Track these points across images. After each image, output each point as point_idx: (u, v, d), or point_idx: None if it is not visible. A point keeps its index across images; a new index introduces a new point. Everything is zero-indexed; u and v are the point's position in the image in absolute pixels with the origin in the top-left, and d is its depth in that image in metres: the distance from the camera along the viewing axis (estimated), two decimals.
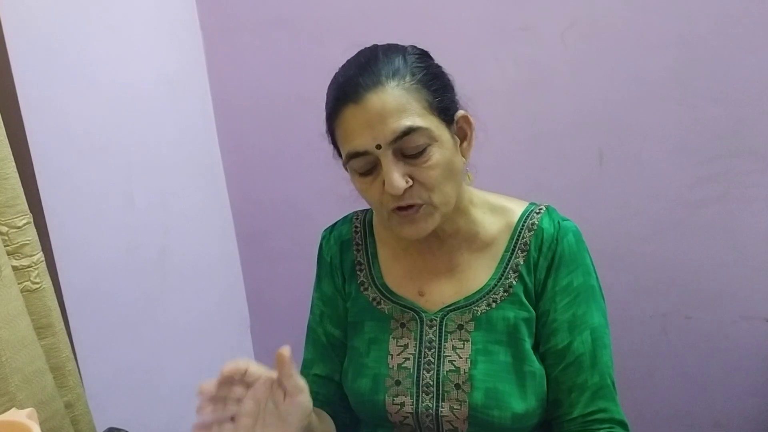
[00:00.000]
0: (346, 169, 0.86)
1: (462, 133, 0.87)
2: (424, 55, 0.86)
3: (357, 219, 1.01)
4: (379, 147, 0.79)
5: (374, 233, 0.99)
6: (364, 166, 0.82)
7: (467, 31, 1.34)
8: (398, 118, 0.78)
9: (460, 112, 0.86)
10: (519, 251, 0.90)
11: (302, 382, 0.76)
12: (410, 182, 0.80)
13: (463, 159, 0.87)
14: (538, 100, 1.33)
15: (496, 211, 0.93)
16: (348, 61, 0.86)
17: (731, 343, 1.31)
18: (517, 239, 0.90)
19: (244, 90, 1.60)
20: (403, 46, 0.85)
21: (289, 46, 1.51)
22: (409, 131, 0.78)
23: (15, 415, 0.84)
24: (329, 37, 1.46)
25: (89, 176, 1.28)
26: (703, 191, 1.26)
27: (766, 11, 1.15)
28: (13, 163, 0.98)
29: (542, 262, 0.88)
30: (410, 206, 0.82)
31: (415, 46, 0.86)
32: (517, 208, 0.93)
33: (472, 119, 0.87)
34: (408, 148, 0.79)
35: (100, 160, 1.30)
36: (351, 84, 0.81)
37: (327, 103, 0.85)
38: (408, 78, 0.80)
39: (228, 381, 0.73)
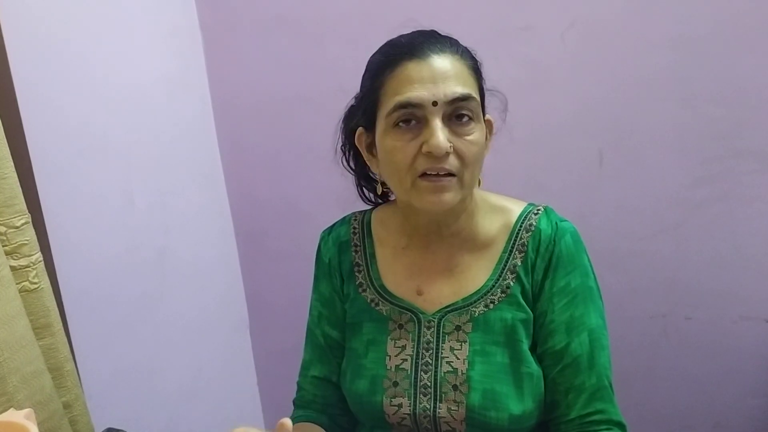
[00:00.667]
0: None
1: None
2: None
3: (355, 220, 1.01)
4: (435, 104, 0.80)
5: (372, 234, 0.99)
6: (408, 119, 0.82)
7: (467, 31, 1.32)
8: (459, 83, 0.81)
9: (488, 116, 0.89)
10: (517, 252, 0.90)
11: None
12: (450, 149, 0.81)
13: None
14: (538, 100, 1.32)
15: (495, 212, 0.93)
16: (402, 35, 0.88)
17: (731, 343, 1.31)
18: (515, 240, 0.90)
19: (244, 90, 1.59)
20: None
21: (289, 46, 1.51)
22: (468, 97, 0.81)
23: (13, 415, 0.83)
24: (329, 37, 1.46)
25: (88, 176, 1.27)
26: (703, 191, 1.26)
27: (766, 11, 1.14)
28: (12, 163, 0.98)
29: (540, 263, 0.88)
30: (440, 175, 0.81)
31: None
32: (515, 209, 0.93)
33: (494, 126, 0.90)
34: (459, 114, 0.81)
35: (99, 159, 1.30)
36: (416, 44, 0.83)
37: (378, 60, 0.86)
38: (467, 60, 0.85)
39: None
